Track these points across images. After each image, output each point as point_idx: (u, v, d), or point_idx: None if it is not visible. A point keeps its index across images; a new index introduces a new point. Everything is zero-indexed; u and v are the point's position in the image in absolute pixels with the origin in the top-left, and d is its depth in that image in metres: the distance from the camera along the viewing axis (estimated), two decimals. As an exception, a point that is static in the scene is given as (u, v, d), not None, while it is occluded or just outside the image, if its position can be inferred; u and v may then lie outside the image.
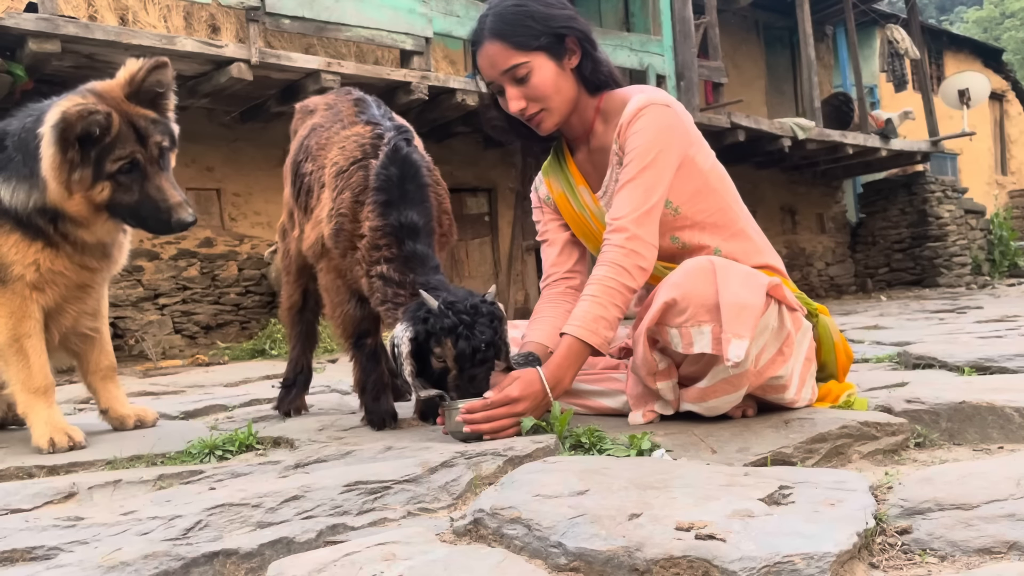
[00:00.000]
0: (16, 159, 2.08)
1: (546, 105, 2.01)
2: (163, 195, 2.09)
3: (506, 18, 1.99)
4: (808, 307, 1.99)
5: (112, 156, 2.02)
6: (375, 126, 2.19)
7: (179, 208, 2.09)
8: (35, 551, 1.14)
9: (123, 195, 2.06)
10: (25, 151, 2.06)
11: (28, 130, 2.08)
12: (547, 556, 1.06)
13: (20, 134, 2.09)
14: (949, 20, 37.56)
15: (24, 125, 2.11)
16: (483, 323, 1.87)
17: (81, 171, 2.01)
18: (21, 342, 2.08)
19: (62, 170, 1.99)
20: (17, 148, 2.09)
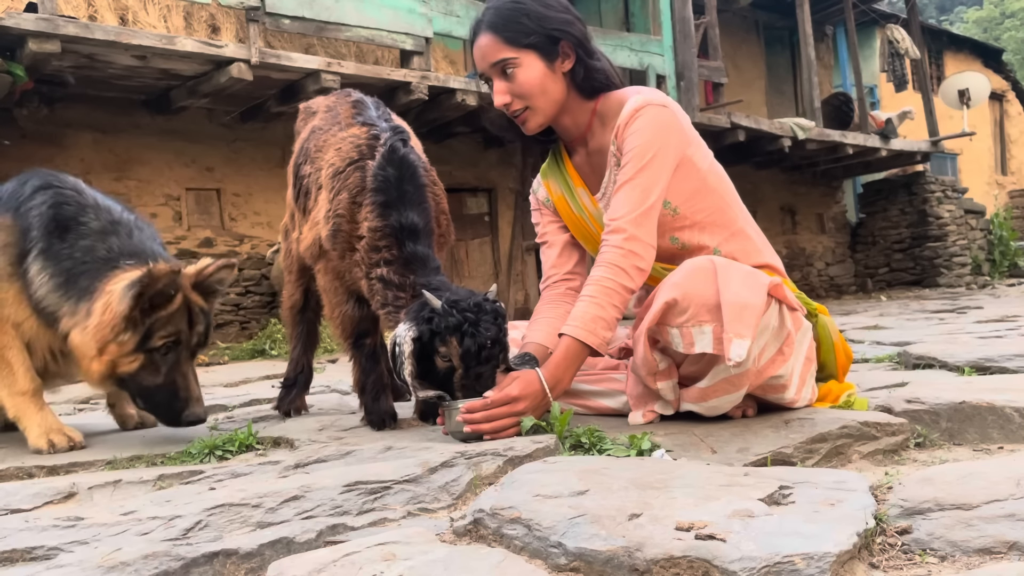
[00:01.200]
0: (66, 264, 2.03)
1: (530, 104, 2.01)
2: (187, 385, 2.06)
3: (502, 13, 2.00)
4: (808, 307, 1.99)
5: (162, 331, 1.99)
6: (371, 127, 2.19)
7: (196, 403, 2.06)
8: (35, 551, 1.14)
9: (148, 374, 2.01)
10: (81, 273, 2.01)
11: (97, 257, 2.03)
12: (547, 556, 1.06)
13: (90, 252, 2.04)
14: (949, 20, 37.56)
15: (95, 248, 2.05)
16: (488, 320, 1.87)
17: (130, 334, 1.96)
18: (3, 352, 2.10)
19: (115, 328, 1.94)
20: (75, 260, 2.03)
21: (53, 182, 2.14)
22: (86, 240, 2.06)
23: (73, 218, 2.07)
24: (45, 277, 2.02)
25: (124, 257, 2.03)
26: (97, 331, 1.95)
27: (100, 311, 1.95)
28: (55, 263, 2.03)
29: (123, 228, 2.11)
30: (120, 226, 2.11)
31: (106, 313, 1.94)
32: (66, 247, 2.04)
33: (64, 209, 2.08)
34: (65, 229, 2.05)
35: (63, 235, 2.05)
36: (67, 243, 2.04)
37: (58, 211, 2.07)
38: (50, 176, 2.17)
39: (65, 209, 2.08)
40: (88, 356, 1.97)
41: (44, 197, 2.09)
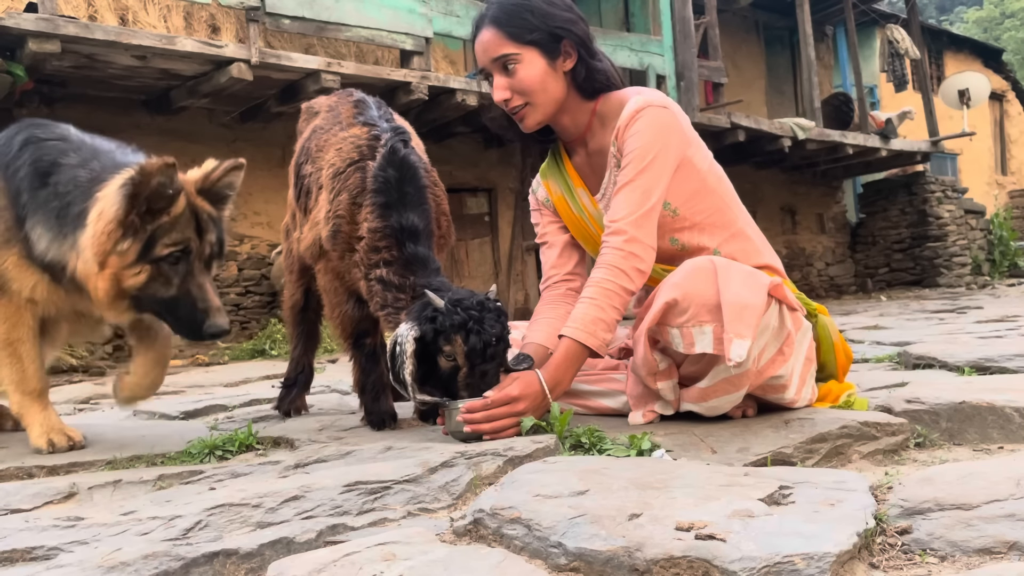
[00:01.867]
0: (54, 205, 1.90)
1: (530, 100, 2.01)
2: (204, 295, 1.90)
3: (507, 8, 2.01)
4: (807, 307, 1.99)
5: (167, 239, 1.83)
6: (372, 127, 2.19)
7: (217, 313, 1.91)
8: (35, 551, 1.14)
9: (159, 286, 1.86)
10: (69, 204, 1.88)
11: (81, 183, 1.89)
12: (547, 556, 1.06)
13: (73, 181, 1.90)
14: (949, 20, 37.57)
15: (77, 176, 1.91)
16: (492, 318, 1.87)
17: (130, 241, 1.80)
18: (15, 346, 2.02)
19: (111, 235, 1.78)
20: (60, 196, 1.90)
21: (37, 134, 2.00)
22: (67, 174, 1.91)
23: (53, 162, 1.93)
24: (41, 230, 1.90)
25: (110, 171, 1.86)
26: (94, 243, 1.80)
27: (94, 221, 1.80)
28: (44, 210, 1.90)
29: (107, 152, 1.97)
30: (103, 151, 1.97)
31: (100, 221, 1.79)
32: (49, 190, 1.90)
33: (44, 159, 1.94)
34: (46, 175, 1.92)
35: (44, 181, 1.92)
36: (49, 186, 1.91)
37: (38, 163, 1.93)
38: (35, 128, 2.03)
39: (45, 158, 1.94)
40: (91, 276, 1.82)
41: (27, 153, 1.96)
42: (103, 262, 1.80)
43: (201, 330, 1.91)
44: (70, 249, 1.86)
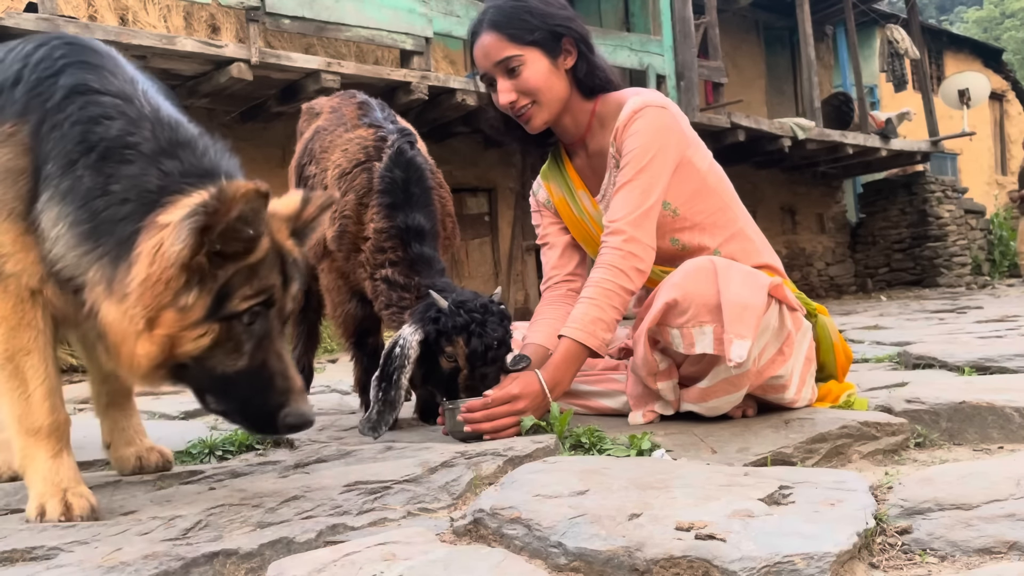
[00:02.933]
0: (97, 202, 1.33)
1: (537, 99, 2.00)
2: (284, 369, 1.37)
3: (504, 10, 2.00)
4: (807, 307, 1.99)
5: (247, 289, 1.31)
6: (378, 129, 2.20)
7: (300, 398, 1.37)
8: (35, 551, 1.14)
9: (225, 355, 1.33)
10: (120, 213, 1.32)
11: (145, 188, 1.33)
12: (547, 556, 1.06)
13: (135, 183, 1.34)
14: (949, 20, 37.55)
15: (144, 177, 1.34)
16: (494, 322, 1.88)
17: (197, 293, 1.28)
18: (16, 360, 1.40)
19: (170, 283, 1.26)
20: (110, 194, 1.33)
21: (90, 81, 1.40)
22: (132, 166, 1.35)
23: (117, 138, 1.37)
24: (63, 227, 1.34)
25: (186, 178, 1.34)
26: (144, 291, 1.26)
27: (148, 259, 1.26)
28: (79, 204, 1.33)
29: (190, 146, 1.40)
30: (185, 143, 1.40)
31: (155, 261, 1.26)
32: (100, 180, 1.34)
33: (99, 128, 1.37)
34: (103, 155, 1.35)
35: (99, 164, 1.35)
36: (102, 174, 1.34)
37: (89, 132, 1.37)
38: (84, 67, 1.42)
39: (100, 127, 1.37)
40: (131, 334, 1.28)
41: (74, 109, 1.38)
42: (154, 319, 1.27)
43: (276, 421, 1.35)
44: (100, 279, 1.32)
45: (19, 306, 1.41)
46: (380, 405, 1.86)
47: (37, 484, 1.39)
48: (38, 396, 1.41)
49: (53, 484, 1.38)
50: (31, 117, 1.39)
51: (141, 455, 1.74)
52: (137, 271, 1.27)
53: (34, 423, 1.41)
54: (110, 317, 1.30)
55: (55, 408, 1.43)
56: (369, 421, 1.88)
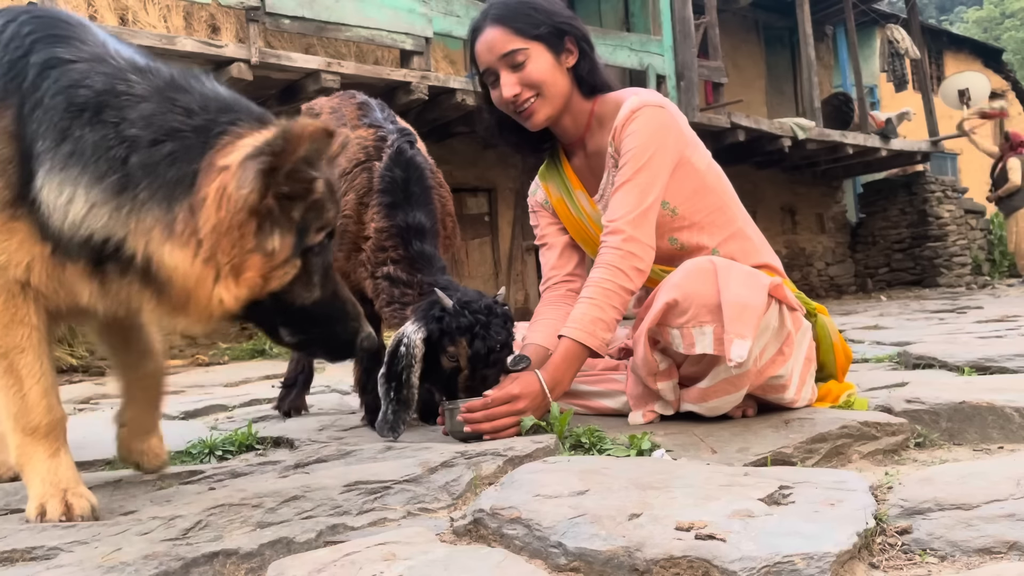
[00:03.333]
0: (115, 152, 1.26)
1: (541, 92, 2.00)
2: (350, 296, 1.44)
3: (510, 6, 2.02)
4: (807, 307, 1.99)
5: (319, 221, 1.33)
6: (378, 129, 2.20)
7: (364, 320, 1.45)
8: (35, 551, 1.14)
9: (302, 287, 1.33)
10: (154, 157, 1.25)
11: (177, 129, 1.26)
12: (547, 556, 1.06)
13: (157, 122, 1.27)
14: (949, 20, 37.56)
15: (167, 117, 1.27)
16: (498, 324, 1.88)
17: (279, 236, 1.27)
18: (10, 358, 1.37)
19: (243, 228, 1.23)
20: (130, 140, 1.26)
21: (63, 55, 1.33)
22: (136, 109, 1.28)
23: (105, 91, 1.30)
24: (78, 189, 1.26)
25: (218, 116, 1.29)
26: (219, 238, 1.22)
27: (214, 204, 1.22)
28: (92, 160, 1.26)
29: (182, 80, 1.34)
30: (176, 80, 1.34)
31: (223, 206, 1.22)
32: (107, 131, 1.27)
33: (83, 88, 1.30)
34: (96, 110, 1.28)
35: (97, 118, 1.28)
36: (107, 125, 1.27)
37: (73, 95, 1.30)
38: (57, 44, 1.34)
39: (84, 87, 1.30)
40: (207, 278, 1.24)
41: (50, 83, 1.31)
42: (240, 264, 1.25)
43: (354, 346, 1.43)
44: (151, 226, 1.24)
45: (10, 302, 1.36)
46: (394, 405, 1.86)
47: (36, 484, 1.37)
48: (34, 394, 1.38)
49: (53, 484, 1.36)
50: (11, 101, 1.32)
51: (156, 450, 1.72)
52: (206, 217, 1.22)
53: (30, 422, 1.38)
54: (175, 261, 1.24)
55: (52, 407, 1.40)
56: (386, 422, 1.88)
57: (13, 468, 1.69)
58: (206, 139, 1.26)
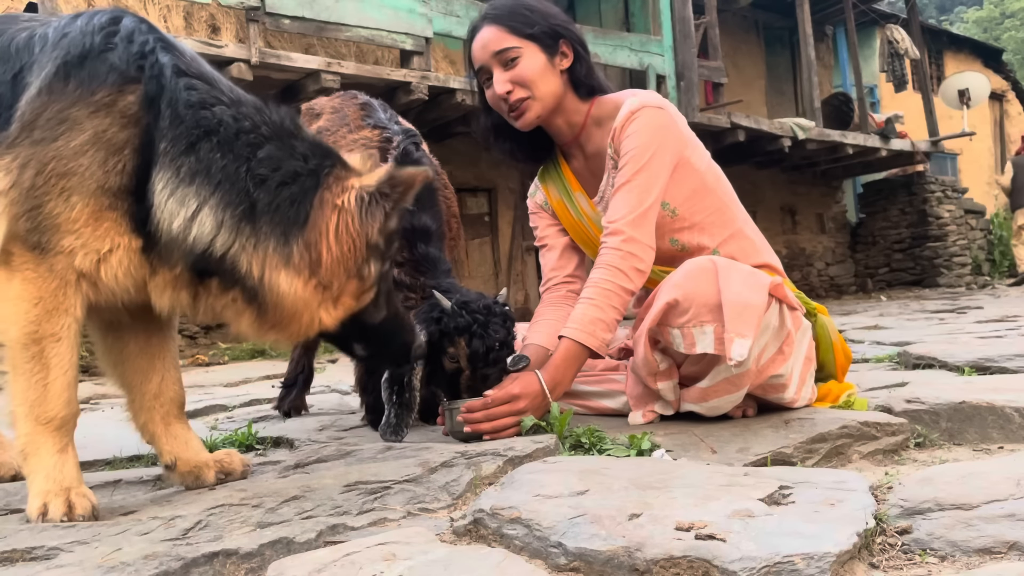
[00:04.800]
0: (242, 183, 1.37)
1: (532, 92, 2.00)
2: (404, 312, 1.59)
3: (506, 6, 2.03)
4: (807, 306, 2.00)
5: (390, 251, 1.49)
6: (383, 130, 2.20)
7: (416, 330, 1.62)
8: (35, 551, 1.14)
9: (374, 308, 1.50)
10: (277, 193, 1.38)
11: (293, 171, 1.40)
12: (547, 556, 1.06)
13: (280, 164, 1.41)
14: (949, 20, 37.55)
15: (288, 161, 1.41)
16: (496, 323, 1.88)
17: (374, 263, 1.44)
18: (43, 344, 1.35)
19: (358, 257, 1.41)
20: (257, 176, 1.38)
21: (182, 66, 1.41)
22: (263, 150, 1.41)
23: (233, 123, 1.40)
24: (206, 209, 1.35)
25: (323, 161, 1.45)
26: (336, 266, 1.40)
27: (334, 241, 1.39)
28: (224, 187, 1.36)
29: (291, 126, 1.48)
30: (287, 125, 1.47)
31: (344, 243, 1.39)
32: (239, 164, 1.38)
33: (208, 111, 1.40)
34: (227, 139, 1.39)
35: (227, 148, 1.38)
36: (239, 158, 1.38)
37: (200, 115, 1.39)
38: (175, 52, 1.43)
39: (210, 111, 1.40)
40: (314, 303, 1.40)
41: (182, 89, 1.39)
42: (342, 289, 1.42)
43: (407, 356, 1.61)
44: (270, 255, 1.37)
45: (61, 289, 1.36)
46: (396, 408, 1.86)
47: (40, 481, 1.36)
48: (58, 386, 1.37)
49: (56, 482, 1.36)
50: (138, 88, 1.36)
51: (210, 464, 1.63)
52: (327, 250, 1.39)
53: (47, 412, 1.36)
54: (290, 287, 1.37)
55: (70, 401, 1.39)
56: (389, 426, 1.87)
57: (13, 468, 1.74)
58: (316, 181, 1.42)
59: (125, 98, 1.36)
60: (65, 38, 1.38)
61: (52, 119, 1.33)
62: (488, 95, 2.06)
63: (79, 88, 1.34)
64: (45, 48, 1.39)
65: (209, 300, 1.42)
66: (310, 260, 1.38)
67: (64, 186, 1.32)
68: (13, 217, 1.33)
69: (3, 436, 1.82)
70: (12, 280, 1.35)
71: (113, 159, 1.34)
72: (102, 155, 1.33)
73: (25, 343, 1.35)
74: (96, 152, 1.33)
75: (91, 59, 1.36)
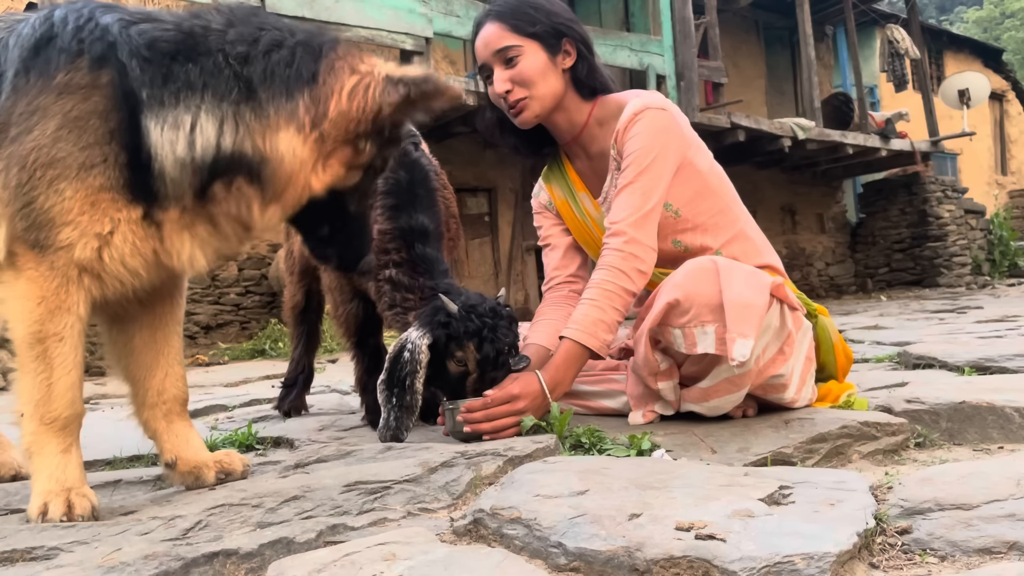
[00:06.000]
0: (226, 73, 1.35)
1: (530, 92, 2.00)
2: (370, 222, 1.62)
3: (510, 3, 2.03)
4: (807, 307, 2.00)
5: (388, 150, 1.50)
6: None
7: (370, 248, 1.63)
8: (35, 551, 1.14)
9: (349, 196, 1.48)
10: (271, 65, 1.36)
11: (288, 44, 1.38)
12: (547, 556, 1.06)
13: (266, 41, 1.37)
14: (949, 20, 37.56)
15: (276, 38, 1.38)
16: (504, 326, 1.88)
17: (371, 143, 1.43)
18: (47, 344, 1.36)
19: (366, 122, 1.39)
20: (245, 58, 1.36)
21: (125, 16, 1.41)
22: (231, 32, 1.39)
23: (189, 33, 1.39)
24: (200, 114, 1.34)
25: (314, 37, 1.43)
26: (337, 123, 1.37)
27: (348, 95, 1.37)
28: (208, 84, 1.35)
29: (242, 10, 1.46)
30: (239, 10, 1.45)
31: (356, 101, 1.37)
32: (213, 58, 1.36)
33: (165, 37, 1.38)
34: (189, 50, 1.37)
35: (192, 55, 1.36)
36: (210, 54, 1.36)
37: (160, 40, 1.37)
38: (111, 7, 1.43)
39: (167, 36, 1.38)
40: (308, 163, 1.36)
41: (137, 34, 1.38)
42: (332, 152, 1.38)
43: (358, 261, 1.58)
44: (270, 119, 1.34)
45: (63, 287, 1.36)
46: (396, 411, 1.85)
47: (43, 480, 1.37)
48: (62, 386, 1.37)
49: (58, 482, 1.36)
50: (85, 57, 1.35)
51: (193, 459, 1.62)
52: (335, 104, 1.36)
53: (51, 412, 1.37)
54: (289, 145, 1.34)
55: (75, 400, 1.39)
56: (388, 429, 1.86)
57: (13, 468, 1.74)
58: (315, 49, 1.39)
59: (79, 71, 1.35)
60: (20, 39, 1.40)
61: (23, 113, 1.34)
62: (489, 92, 2.07)
63: (39, 78, 1.35)
64: (7, 54, 1.41)
65: (223, 209, 1.39)
66: (316, 114, 1.36)
67: (51, 176, 1.32)
68: (9, 218, 1.35)
69: (3, 436, 1.82)
70: (18, 279, 1.37)
71: (87, 135, 1.33)
72: (76, 134, 1.33)
73: (30, 342, 1.36)
74: (70, 133, 1.33)
75: (42, 49, 1.37)
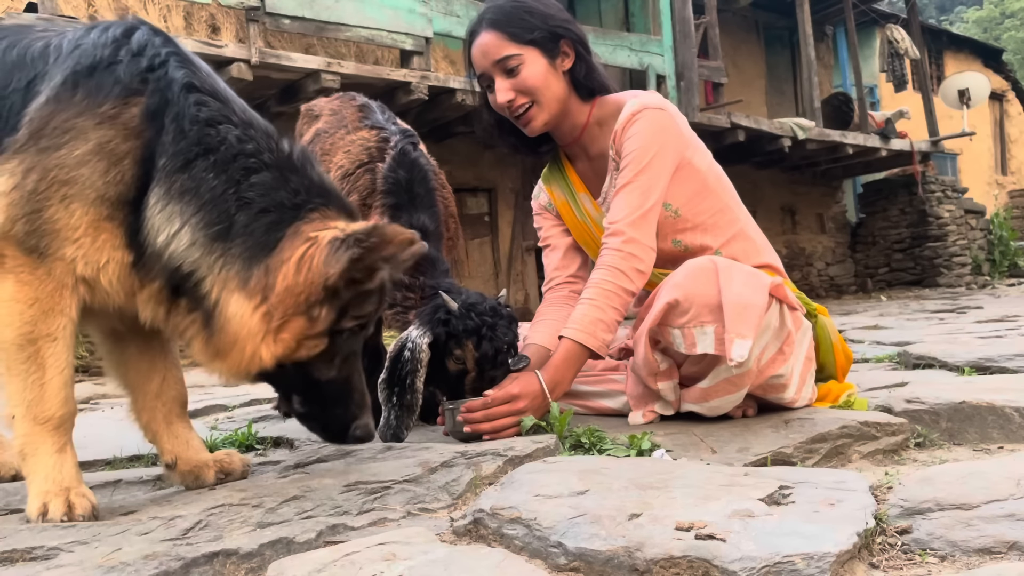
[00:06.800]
0: (229, 204, 1.38)
1: (536, 99, 2.00)
2: (360, 386, 1.52)
3: (504, 10, 2.01)
4: (807, 307, 1.99)
5: (357, 311, 1.44)
6: (380, 130, 2.20)
7: (368, 413, 1.53)
8: (35, 551, 1.14)
9: (322, 364, 1.44)
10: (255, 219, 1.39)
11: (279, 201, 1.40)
12: (547, 556, 1.06)
13: (268, 191, 1.41)
14: (949, 20, 37.55)
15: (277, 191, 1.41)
16: (503, 325, 1.88)
17: (327, 309, 1.39)
18: (39, 345, 1.37)
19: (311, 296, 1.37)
20: (243, 200, 1.39)
21: (195, 82, 1.43)
22: (260, 175, 1.41)
23: (236, 145, 1.41)
24: (186, 227, 1.37)
25: (313, 198, 1.44)
26: (286, 297, 1.36)
27: (295, 268, 1.36)
28: (208, 206, 1.37)
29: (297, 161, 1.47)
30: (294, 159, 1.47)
31: (301, 271, 1.36)
32: (229, 186, 1.39)
33: (214, 129, 1.41)
34: (224, 161, 1.40)
35: (222, 168, 1.39)
36: (231, 181, 1.39)
37: (205, 132, 1.40)
38: (188, 66, 1.44)
39: (216, 130, 1.41)
40: (258, 332, 1.36)
41: (190, 105, 1.40)
42: (284, 324, 1.37)
43: (347, 432, 1.50)
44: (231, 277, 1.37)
45: (57, 291, 1.38)
46: (397, 410, 1.85)
47: (40, 481, 1.37)
48: (54, 385, 1.38)
49: (56, 483, 1.36)
50: (141, 101, 1.38)
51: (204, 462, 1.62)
52: (283, 276, 1.36)
53: (44, 412, 1.37)
54: (238, 312, 1.36)
55: (68, 400, 1.40)
56: (389, 428, 1.86)
57: (13, 468, 1.74)
58: (297, 214, 1.41)
59: (129, 111, 1.38)
60: (77, 49, 1.41)
61: (58, 128, 1.36)
62: (491, 100, 2.06)
63: (86, 99, 1.37)
64: (59, 58, 1.41)
65: (176, 319, 1.43)
66: (265, 285, 1.36)
67: (65, 193, 1.35)
68: (10, 219, 1.35)
69: (3, 436, 1.82)
70: (5, 282, 1.37)
71: (114, 170, 1.36)
72: (104, 166, 1.36)
73: (21, 344, 1.36)
74: (98, 162, 1.36)
75: (99, 71, 1.38)
